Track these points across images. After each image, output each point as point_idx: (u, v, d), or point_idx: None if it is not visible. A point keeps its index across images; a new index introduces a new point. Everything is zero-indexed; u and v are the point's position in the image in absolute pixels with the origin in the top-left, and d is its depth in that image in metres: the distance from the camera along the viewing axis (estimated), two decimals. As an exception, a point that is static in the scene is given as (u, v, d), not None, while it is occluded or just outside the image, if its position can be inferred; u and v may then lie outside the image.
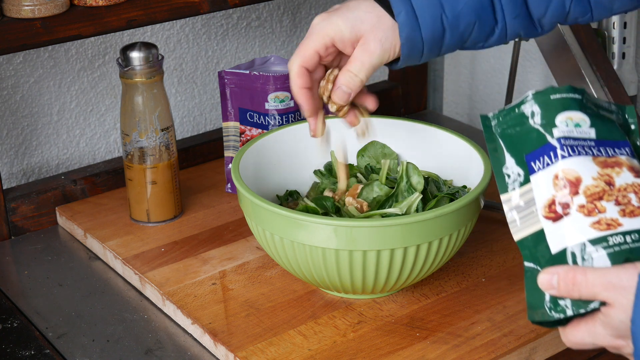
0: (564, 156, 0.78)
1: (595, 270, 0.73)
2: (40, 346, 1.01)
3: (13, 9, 1.08)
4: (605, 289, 0.72)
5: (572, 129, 0.80)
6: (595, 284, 0.73)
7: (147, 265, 1.12)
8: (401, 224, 0.93)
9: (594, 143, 0.79)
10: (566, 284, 0.74)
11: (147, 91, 1.15)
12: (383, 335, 0.99)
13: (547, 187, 0.78)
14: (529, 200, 0.79)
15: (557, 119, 0.80)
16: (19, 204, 1.23)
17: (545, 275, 0.75)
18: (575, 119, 0.80)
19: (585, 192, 0.77)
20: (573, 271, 0.74)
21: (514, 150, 0.81)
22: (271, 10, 1.49)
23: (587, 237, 0.76)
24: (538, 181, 0.79)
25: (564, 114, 0.80)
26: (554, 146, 0.79)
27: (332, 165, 1.15)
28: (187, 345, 1.01)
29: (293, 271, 1.01)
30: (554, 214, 0.77)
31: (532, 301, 0.78)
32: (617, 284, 0.72)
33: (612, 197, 0.77)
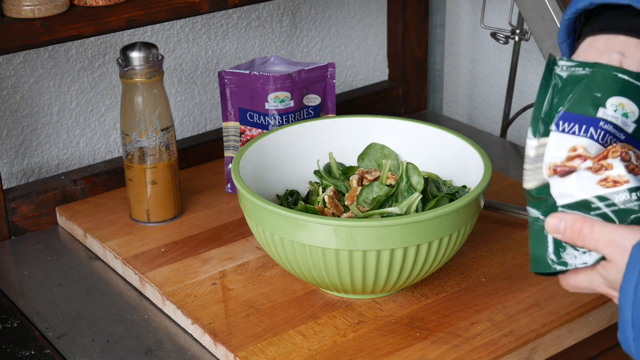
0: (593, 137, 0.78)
1: (602, 225, 0.75)
2: (40, 346, 1.01)
3: (13, 9, 1.08)
4: (608, 245, 0.74)
5: (618, 116, 0.79)
6: (599, 238, 0.74)
7: (147, 265, 1.12)
8: (401, 224, 0.93)
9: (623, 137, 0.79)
10: (572, 232, 0.76)
11: (147, 91, 1.16)
12: (383, 335, 0.99)
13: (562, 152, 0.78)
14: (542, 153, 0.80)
15: (609, 101, 0.79)
16: (19, 204, 1.23)
17: (553, 219, 0.77)
18: (627, 108, 0.79)
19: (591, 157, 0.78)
20: (581, 221, 0.75)
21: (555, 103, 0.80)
22: (271, 10, 1.49)
23: (594, 193, 0.76)
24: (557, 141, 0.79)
25: (618, 98, 0.79)
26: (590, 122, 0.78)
27: (331, 166, 1.15)
28: (187, 345, 1.01)
29: (293, 271, 1.01)
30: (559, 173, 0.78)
31: (535, 252, 0.79)
32: (619, 243, 0.73)
33: (617, 154, 0.77)
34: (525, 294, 1.05)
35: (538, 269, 0.79)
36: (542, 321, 1.00)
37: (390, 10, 1.59)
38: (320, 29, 1.56)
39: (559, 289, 1.05)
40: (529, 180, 0.80)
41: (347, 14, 1.58)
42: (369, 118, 1.18)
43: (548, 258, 0.78)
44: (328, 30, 1.57)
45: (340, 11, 1.57)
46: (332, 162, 1.15)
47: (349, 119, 1.18)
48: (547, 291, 1.05)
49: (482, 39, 1.63)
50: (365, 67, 1.64)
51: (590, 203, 0.77)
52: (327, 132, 1.17)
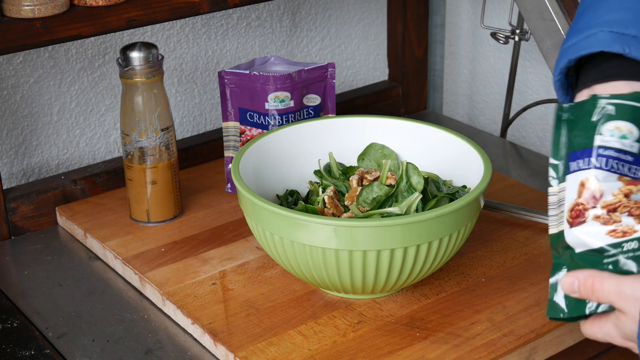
0: (596, 167, 0.79)
1: (611, 279, 0.76)
2: (40, 346, 1.01)
3: (13, 9, 1.08)
4: (620, 298, 0.75)
5: (616, 140, 0.79)
6: (610, 292, 0.75)
7: (147, 265, 1.12)
8: (401, 224, 0.93)
9: (631, 159, 0.79)
10: (585, 289, 0.77)
11: (147, 91, 1.16)
12: (383, 335, 0.99)
13: (574, 190, 0.79)
14: (562, 198, 0.81)
15: (605, 126, 0.79)
16: (19, 204, 1.23)
17: (568, 278, 0.78)
18: (624, 129, 0.79)
19: (602, 205, 0.78)
20: (592, 278, 0.77)
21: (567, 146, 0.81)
22: (271, 10, 1.49)
23: (603, 243, 0.77)
24: (570, 182, 0.80)
25: (613, 122, 0.79)
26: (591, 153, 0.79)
27: (330, 166, 1.15)
28: (187, 345, 1.01)
29: (293, 271, 1.01)
30: (571, 220, 0.79)
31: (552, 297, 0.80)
32: (630, 294, 0.74)
33: (627, 209, 0.78)
34: (525, 294, 1.05)
35: (553, 315, 0.80)
36: (542, 321, 1.00)
37: (390, 10, 1.59)
38: (320, 29, 1.56)
39: (559, 289, 1.05)
40: (553, 226, 0.82)
41: (347, 14, 1.58)
42: (369, 118, 1.18)
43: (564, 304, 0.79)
44: (328, 30, 1.57)
45: (340, 11, 1.57)
46: (332, 162, 1.15)
47: (349, 119, 1.18)
48: (547, 291, 1.05)
49: (482, 39, 1.63)
50: (365, 67, 1.64)
51: (604, 251, 0.78)
52: (327, 132, 1.17)
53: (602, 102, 0.80)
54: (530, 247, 1.14)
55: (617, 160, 0.79)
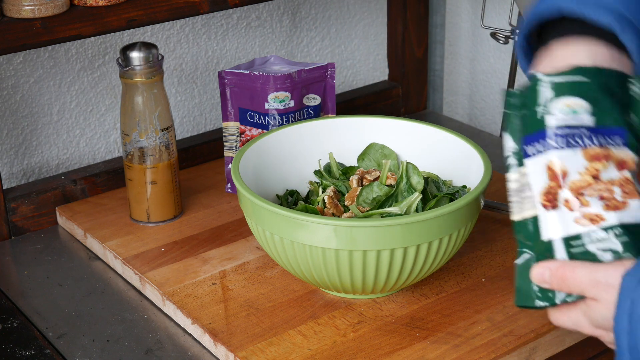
0: (555, 147, 0.78)
1: (583, 267, 0.75)
2: (40, 346, 1.01)
3: (13, 9, 1.08)
4: (592, 286, 0.75)
5: (569, 116, 0.79)
6: (582, 280, 0.75)
7: (147, 265, 1.12)
8: (401, 224, 0.93)
9: (588, 132, 0.78)
10: (557, 279, 0.77)
11: (147, 91, 1.16)
12: (383, 335, 0.99)
13: (542, 175, 0.79)
14: (525, 183, 0.80)
15: (555, 105, 0.79)
16: (19, 204, 1.23)
17: (538, 269, 0.78)
18: (574, 105, 0.79)
19: (570, 186, 0.77)
20: (563, 267, 0.76)
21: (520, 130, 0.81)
22: (271, 10, 1.49)
23: (572, 232, 0.77)
24: (533, 167, 0.79)
25: (563, 100, 0.79)
26: (546, 134, 0.78)
27: (330, 166, 1.15)
28: (187, 345, 1.01)
29: (293, 271, 1.01)
30: (549, 203, 0.78)
31: (519, 285, 0.79)
32: (603, 281, 0.74)
33: (596, 192, 0.77)
34: (525, 294, 1.05)
35: (522, 302, 0.79)
36: (542, 321, 1.00)
37: (390, 10, 1.59)
38: (320, 29, 1.56)
39: (559, 289, 1.05)
40: (515, 213, 0.81)
41: (347, 14, 1.58)
42: (369, 118, 1.18)
43: (533, 293, 0.79)
44: (328, 30, 1.57)
45: (340, 11, 1.57)
46: (332, 162, 1.15)
47: (349, 119, 1.18)
48: (547, 291, 1.05)
49: (482, 39, 1.63)
50: (365, 67, 1.64)
51: (570, 240, 0.77)
52: (327, 132, 1.17)
53: (544, 83, 0.80)
54: (530, 247, 1.14)
55: (574, 136, 0.78)
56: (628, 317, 0.72)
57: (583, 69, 0.79)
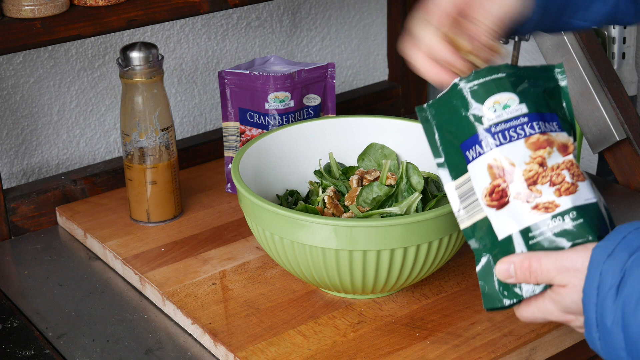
0: (496, 144, 0.79)
1: (548, 256, 0.76)
2: (40, 346, 1.01)
3: (13, 9, 1.08)
4: (560, 273, 0.75)
5: (501, 112, 0.80)
6: (549, 269, 0.76)
7: (147, 265, 1.12)
8: (401, 224, 0.93)
9: (526, 119, 0.79)
10: (523, 272, 0.77)
11: (147, 91, 1.16)
12: (383, 335, 0.99)
13: (484, 176, 0.79)
14: (469, 189, 0.80)
15: (484, 106, 0.80)
16: (19, 204, 1.23)
17: (502, 265, 0.78)
18: (502, 100, 0.80)
19: (520, 178, 0.78)
20: (528, 259, 0.77)
21: (450, 140, 0.82)
22: (271, 10, 1.49)
23: (528, 223, 0.78)
24: (475, 170, 0.80)
25: (490, 99, 0.80)
26: (484, 135, 0.79)
27: (331, 166, 1.15)
28: (187, 345, 1.01)
29: (293, 271, 1.01)
30: (496, 202, 0.79)
31: (484, 288, 0.80)
32: (570, 267, 0.75)
33: (547, 179, 0.78)
34: (525, 294, 1.05)
35: (491, 305, 0.80)
36: (542, 321, 1.00)
37: (390, 10, 1.59)
38: (320, 29, 1.56)
39: (559, 289, 1.05)
40: (463, 220, 0.81)
41: (347, 14, 1.58)
42: (369, 118, 1.18)
43: (499, 293, 0.79)
44: (328, 30, 1.57)
45: (340, 11, 1.57)
46: (332, 162, 1.15)
47: (349, 119, 1.18)
48: (547, 291, 1.05)
49: (482, 39, 1.63)
50: (365, 67, 1.64)
51: (528, 232, 0.78)
52: (327, 132, 1.17)
53: (465, 88, 0.81)
54: (530, 247, 1.14)
55: (513, 127, 0.79)
56: (596, 289, 0.73)
57: (495, 67, 0.81)
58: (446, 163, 0.82)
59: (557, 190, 0.78)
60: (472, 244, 0.81)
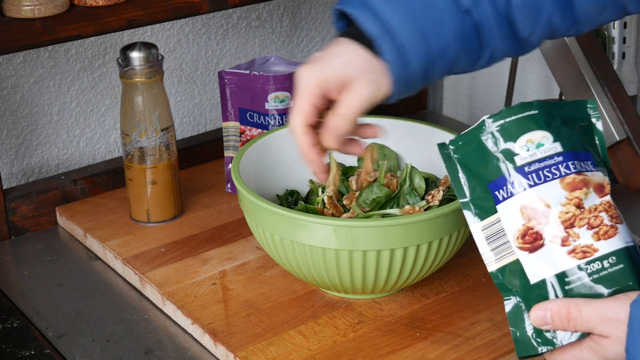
0: (530, 185, 0.76)
1: (588, 304, 0.74)
2: (40, 346, 1.01)
3: (13, 9, 1.08)
4: (602, 323, 0.73)
5: (535, 151, 0.77)
6: (590, 318, 0.74)
7: (147, 265, 1.12)
8: (401, 224, 0.93)
9: (561, 158, 0.77)
10: (561, 319, 0.75)
11: (147, 91, 1.16)
12: (383, 335, 0.99)
13: (516, 217, 0.77)
14: (499, 230, 0.78)
15: (516, 144, 0.78)
16: (19, 204, 1.23)
17: (538, 311, 0.76)
18: (536, 139, 0.78)
19: (556, 220, 0.76)
20: (566, 306, 0.74)
21: (477, 179, 0.79)
22: (271, 10, 1.49)
23: (564, 267, 0.75)
24: (505, 211, 0.77)
25: (523, 138, 0.78)
26: (516, 175, 0.77)
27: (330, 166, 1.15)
28: (187, 345, 1.01)
29: (293, 271, 1.01)
30: (529, 245, 0.76)
31: (516, 335, 0.77)
32: (613, 317, 0.73)
33: (584, 222, 0.76)
34: (525, 294, 1.05)
35: (524, 353, 0.77)
36: (542, 321, 1.00)
37: (390, 10, 1.58)
38: (320, 29, 1.56)
39: (559, 289, 1.05)
40: (492, 263, 0.79)
41: (347, 14, 1.58)
42: (369, 118, 1.18)
43: (532, 340, 0.77)
44: (328, 30, 1.57)
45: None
46: (331, 162, 1.15)
47: (349, 119, 1.17)
48: (547, 291, 1.05)
49: (482, 39, 1.63)
50: (365, 67, 1.64)
51: (564, 276, 0.75)
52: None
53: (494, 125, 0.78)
54: (530, 247, 1.14)
55: (548, 167, 0.77)
56: None
57: (527, 104, 0.78)
58: (471, 203, 0.79)
59: (595, 233, 0.75)
60: (501, 288, 0.78)
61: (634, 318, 0.71)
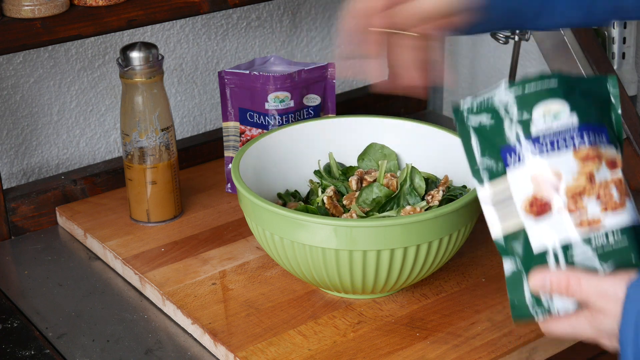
0: (543, 153, 0.77)
1: (588, 278, 0.74)
2: (40, 346, 1.01)
3: (13, 9, 1.08)
4: (600, 298, 0.74)
5: (551, 122, 0.77)
6: (589, 292, 0.74)
7: (147, 265, 1.12)
8: (401, 224, 0.93)
9: (577, 129, 0.77)
10: (559, 289, 0.75)
11: (147, 91, 1.15)
12: (383, 335, 0.99)
13: (526, 185, 0.77)
14: (507, 197, 0.78)
15: (533, 114, 0.78)
16: (19, 204, 1.23)
17: (538, 275, 0.76)
18: (553, 109, 0.78)
19: (566, 190, 0.76)
20: (567, 277, 0.75)
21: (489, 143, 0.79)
22: (271, 10, 1.49)
23: (570, 238, 0.76)
24: (516, 177, 0.77)
25: (540, 107, 0.78)
26: (530, 143, 0.77)
27: (330, 166, 1.15)
28: (187, 345, 1.01)
29: (293, 271, 1.01)
30: (536, 213, 0.77)
31: (514, 299, 0.78)
32: (611, 294, 0.73)
33: (594, 194, 0.76)
34: (525, 294, 1.05)
35: (520, 317, 0.78)
36: (542, 321, 1.00)
37: (390, 10, 1.58)
38: (320, 29, 1.56)
39: (559, 289, 1.05)
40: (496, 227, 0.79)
41: (347, 14, 1.58)
42: (369, 118, 1.18)
43: (528, 304, 0.78)
44: (328, 30, 1.57)
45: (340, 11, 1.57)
46: (332, 162, 1.15)
47: (349, 119, 1.18)
48: (547, 291, 1.05)
49: (482, 39, 1.63)
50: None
51: (568, 248, 0.76)
52: (327, 132, 1.17)
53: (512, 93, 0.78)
54: (530, 247, 1.14)
55: (563, 138, 0.77)
56: (634, 328, 0.71)
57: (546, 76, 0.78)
58: (482, 168, 0.79)
59: (603, 206, 0.76)
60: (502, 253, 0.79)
61: (630, 299, 0.72)
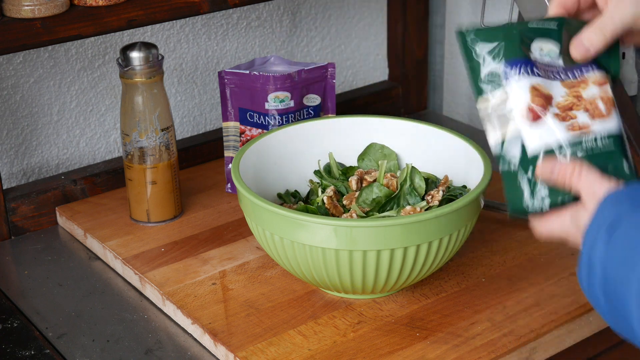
0: (539, 74, 0.82)
1: (589, 172, 0.78)
2: (40, 346, 1.01)
3: (13, 9, 1.08)
4: (588, 194, 0.77)
5: (543, 57, 0.84)
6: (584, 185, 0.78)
7: (147, 265, 1.12)
8: (401, 224, 0.93)
9: (562, 70, 0.83)
10: (563, 176, 0.79)
11: (147, 91, 1.16)
12: (383, 335, 0.99)
13: (524, 94, 0.82)
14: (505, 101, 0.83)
15: (532, 45, 0.84)
16: (19, 204, 1.23)
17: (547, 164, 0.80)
18: (546, 49, 0.84)
19: (556, 105, 0.82)
20: (572, 166, 0.79)
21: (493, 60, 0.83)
22: (271, 10, 1.49)
23: (564, 138, 0.81)
24: (515, 86, 0.82)
25: (537, 43, 0.84)
26: (532, 62, 0.83)
27: (330, 166, 1.15)
28: (187, 345, 1.01)
29: (293, 271, 1.01)
30: (532, 115, 0.81)
31: (510, 197, 0.82)
32: (598, 194, 0.76)
33: (581, 107, 0.82)
34: (525, 294, 1.05)
35: (515, 210, 0.82)
36: (542, 321, 1.00)
37: (390, 10, 1.58)
38: (320, 29, 1.56)
39: (559, 289, 1.05)
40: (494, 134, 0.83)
41: (347, 14, 1.58)
42: (369, 118, 1.18)
43: (524, 202, 0.81)
44: (328, 30, 1.57)
45: (340, 11, 1.57)
46: (332, 162, 1.15)
47: (349, 119, 1.18)
48: (547, 291, 1.05)
49: (482, 39, 1.63)
50: (365, 67, 1.64)
51: (560, 148, 0.80)
52: (327, 132, 1.17)
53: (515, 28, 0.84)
54: (530, 247, 1.14)
55: (552, 72, 0.83)
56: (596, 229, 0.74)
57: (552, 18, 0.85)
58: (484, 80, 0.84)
59: (590, 115, 0.81)
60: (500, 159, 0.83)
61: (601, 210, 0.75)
